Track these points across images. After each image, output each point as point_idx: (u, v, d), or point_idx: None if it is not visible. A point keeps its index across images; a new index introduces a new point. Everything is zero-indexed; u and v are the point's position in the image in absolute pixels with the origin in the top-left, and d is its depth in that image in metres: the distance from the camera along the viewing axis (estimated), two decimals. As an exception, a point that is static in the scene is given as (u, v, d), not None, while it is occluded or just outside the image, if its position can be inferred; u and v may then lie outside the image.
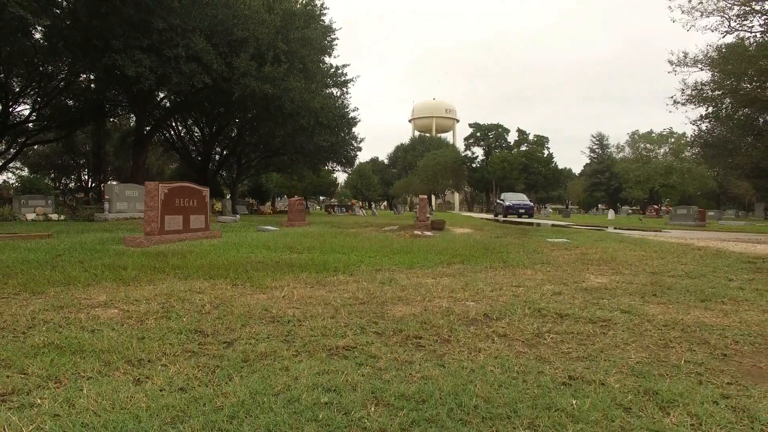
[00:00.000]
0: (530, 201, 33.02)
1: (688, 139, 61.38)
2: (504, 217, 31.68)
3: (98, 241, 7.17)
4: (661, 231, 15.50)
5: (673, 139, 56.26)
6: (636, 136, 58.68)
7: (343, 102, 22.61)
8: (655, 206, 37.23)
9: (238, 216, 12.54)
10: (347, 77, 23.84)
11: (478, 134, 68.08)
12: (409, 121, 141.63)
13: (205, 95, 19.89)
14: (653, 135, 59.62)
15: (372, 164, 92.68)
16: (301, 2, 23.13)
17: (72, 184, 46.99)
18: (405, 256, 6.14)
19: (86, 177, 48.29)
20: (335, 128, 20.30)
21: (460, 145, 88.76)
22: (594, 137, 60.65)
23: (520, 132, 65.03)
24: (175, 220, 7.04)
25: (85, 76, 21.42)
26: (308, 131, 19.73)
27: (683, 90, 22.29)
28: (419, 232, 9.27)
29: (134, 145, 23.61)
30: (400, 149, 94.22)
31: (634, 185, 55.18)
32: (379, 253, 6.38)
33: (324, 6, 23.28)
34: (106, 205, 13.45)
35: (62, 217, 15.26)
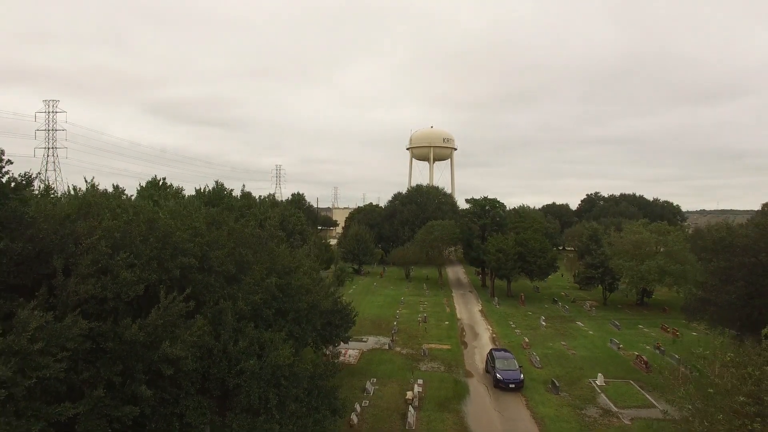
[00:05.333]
0: (520, 372, 33.74)
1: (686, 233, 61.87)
2: (494, 386, 33.46)
3: None
4: None
5: (670, 237, 56.47)
6: (633, 228, 58.79)
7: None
8: (645, 359, 37.66)
9: None
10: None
11: (475, 210, 68.46)
12: (407, 149, 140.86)
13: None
14: (650, 226, 59.85)
15: (367, 216, 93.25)
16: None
17: None
18: None
19: None
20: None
21: (458, 175, 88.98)
22: (590, 235, 61.13)
23: (517, 213, 65.44)
24: None
25: None
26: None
27: None
28: None
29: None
30: (398, 198, 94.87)
31: (629, 283, 55.80)
32: None
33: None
34: None
35: None
